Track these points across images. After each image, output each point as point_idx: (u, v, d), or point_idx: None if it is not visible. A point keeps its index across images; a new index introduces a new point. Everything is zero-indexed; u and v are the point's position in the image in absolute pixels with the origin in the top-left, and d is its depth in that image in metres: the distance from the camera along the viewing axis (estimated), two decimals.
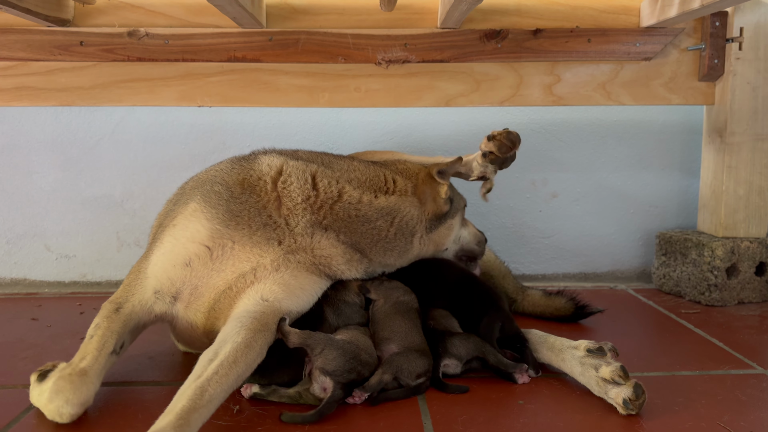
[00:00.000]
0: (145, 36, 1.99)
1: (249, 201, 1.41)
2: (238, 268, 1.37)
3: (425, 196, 1.60)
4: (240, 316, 1.32)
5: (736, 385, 1.42)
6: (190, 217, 1.40)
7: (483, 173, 1.65)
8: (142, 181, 2.29)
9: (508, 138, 1.56)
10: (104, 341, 1.29)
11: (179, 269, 1.36)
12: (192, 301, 1.38)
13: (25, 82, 2.02)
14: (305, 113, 2.30)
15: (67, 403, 1.20)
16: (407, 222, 1.56)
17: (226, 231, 1.38)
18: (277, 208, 1.42)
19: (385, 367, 1.34)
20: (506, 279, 1.96)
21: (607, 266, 2.41)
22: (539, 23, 2.07)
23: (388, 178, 1.58)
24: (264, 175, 1.45)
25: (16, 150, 2.27)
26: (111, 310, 1.35)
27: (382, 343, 1.43)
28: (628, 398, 1.25)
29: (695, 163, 2.34)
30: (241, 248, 1.38)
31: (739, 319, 1.91)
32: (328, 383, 1.27)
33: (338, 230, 1.46)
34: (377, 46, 2.03)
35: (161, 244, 1.40)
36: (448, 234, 1.69)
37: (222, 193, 1.41)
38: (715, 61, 2.08)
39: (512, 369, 1.42)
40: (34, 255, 2.31)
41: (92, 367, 1.25)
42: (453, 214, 1.68)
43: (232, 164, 1.50)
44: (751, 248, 2.05)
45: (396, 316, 1.47)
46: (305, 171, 1.48)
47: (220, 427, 1.21)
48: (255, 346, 1.26)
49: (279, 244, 1.41)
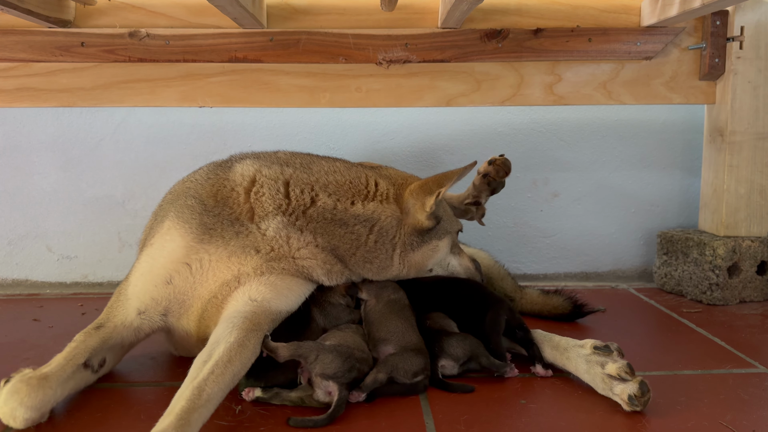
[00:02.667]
0: (146, 37, 2.00)
1: (222, 213, 1.41)
2: (220, 277, 1.39)
3: (408, 206, 1.50)
4: (231, 317, 1.33)
5: (738, 384, 1.42)
6: (165, 235, 1.42)
7: (477, 197, 1.79)
8: (144, 181, 2.29)
9: (504, 164, 1.74)
10: (75, 353, 1.30)
11: (161, 288, 1.38)
12: (182, 312, 1.40)
13: (26, 83, 2.03)
14: (306, 113, 2.30)
15: (21, 405, 1.17)
16: (387, 231, 1.48)
17: (201, 246, 1.39)
18: (250, 218, 1.42)
19: (380, 367, 1.34)
20: (504, 281, 1.97)
21: (609, 265, 2.41)
22: (540, 23, 2.07)
23: (369, 182, 1.51)
24: (237, 186, 1.44)
25: (18, 151, 2.27)
26: (92, 328, 1.38)
27: (379, 344, 1.42)
28: (634, 394, 1.25)
29: (696, 162, 2.34)
30: (218, 260, 1.39)
31: (740, 318, 1.91)
32: (332, 386, 1.26)
33: (314, 232, 1.43)
34: (378, 46, 2.03)
35: (139, 264, 1.43)
36: (432, 256, 1.57)
37: (195, 207, 1.41)
38: (716, 60, 2.08)
39: (502, 369, 1.43)
40: (36, 256, 2.31)
41: (55, 373, 1.24)
42: (440, 234, 1.56)
43: (207, 174, 1.49)
44: (752, 247, 2.04)
45: (391, 315, 1.47)
46: (278, 179, 1.44)
47: (222, 428, 1.21)
48: (248, 344, 1.27)
49: (257, 252, 1.40)
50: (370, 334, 1.46)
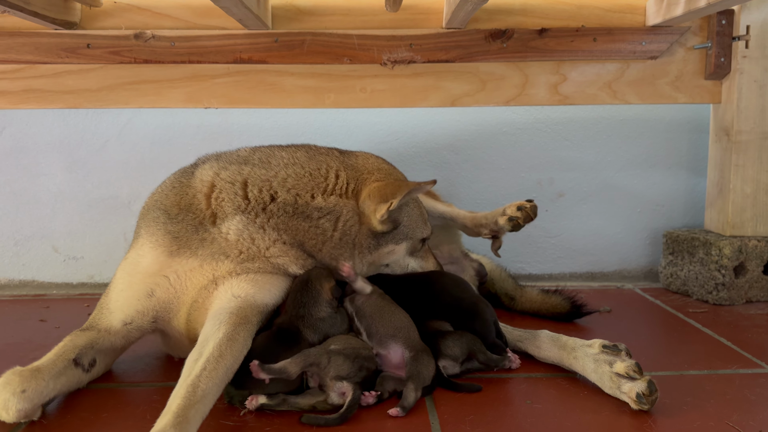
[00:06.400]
0: (151, 38, 2.00)
1: (186, 220, 1.43)
2: (197, 283, 1.41)
3: (363, 207, 1.47)
4: (217, 314, 1.34)
5: (744, 385, 1.41)
6: (138, 250, 1.45)
7: (496, 232, 1.80)
8: (149, 182, 2.26)
9: (533, 210, 1.76)
10: (64, 349, 1.34)
11: (144, 301, 1.41)
12: (172, 317, 1.43)
13: (32, 84, 2.04)
14: (311, 114, 2.31)
15: (14, 395, 1.18)
16: (350, 227, 1.46)
17: (172, 260, 1.41)
18: (212, 222, 1.42)
19: (416, 383, 1.32)
20: (505, 281, 2.01)
21: (614, 265, 2.41)
22: (545, 23, 2.07)
23: (330, 173, 1.48)
24: (198, 193, 1.45)
25: (24, 152, 2.29)
26: (78, 330, 1.41)
27: (386, 340, 1.38)
28: (642, 393, 1.25)
29: (702, 161, 2.33)
30: (191, 269, 1.41)
31: (747, 318, 1.90)
32: (345, 387, 1.26)
33: (277, 228, 1.42)
34: (382, 46, 2.04)
35: (116, 280, 1.45)
36: (388, 257, 1.55)
37: (159, 218, 1.44)
38: (722, 60, 2.07)
39: (501, 363, 1.45)
40: (42, 256, 2.32)
41: (46, 366, 1.26)
42: (397, 239, 1.52)
43: (172, 183, 1.51)
44: (758, 247, 2.04)
45: (390, 307, 1.45)
46: (236, 181, 1.44)
47: (227, 428, 1.22)
48: (238, 338, 1.28)
49: (226, 257, 1.41)
50: (371, 329, 1.41)
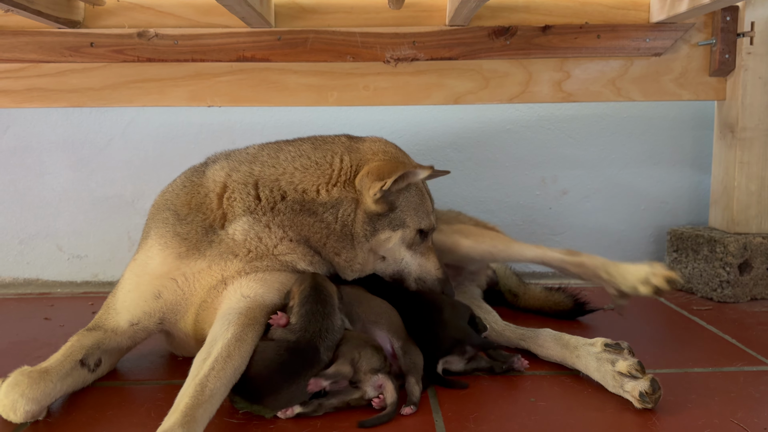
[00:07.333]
0: (154, 36, 2.00)
1: (195, 220, 1.43)
2: (206, 284, 1.41)
3: (361, 184, 1.44)
4: (226, 314, 1.35)
5: (749, 382, 1.41)
6: (147, 252, 1.45)
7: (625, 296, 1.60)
8: (153, 180, 2.30)
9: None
10: (71, 350, 1.34)
11: (151, 303, 1.41)
12: (178, 318, 1.43)
13: (36, 83, 2.04)
14: (314, 112, 2.31)
15: (22, 397, 1.19)
16: (348, 215, 1.44)
17: (180, 262, 1.41)
18: (222, 224, 1.43)
19: (416, 376, 1.32)
20: (509, 278, 2.02)
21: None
22: (548, 20, 2.06)
23: (335, 158, 1.46)
24: (210, 192, 1.46)
25: (28, 151, 2.29)
26: (84, 330, 1.41)
27: (369, 326, 1.40)
28: (645, 391, 1.25)
29: (707, 158, 2.32)
30: (200, 271, 1.41)
31: (751, 315, 1.90)
32: (382, 379, 1.26)
33: (282, 226, 1.43)
34: (385, 44, 2.03)
35: (124, 280, 1.46)
36: (383, 245, 1.49)
37: (169, 219, 1.44)
38: (726, 56, 2.06)
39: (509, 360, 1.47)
40: (47, 255, 2.33)
41: (54, 368, 1.27)
42: (394, 225, 1.47)
43: (183, 182, 1.51)
44: (763, 244, 2.03)
45: (366, 295, 1.47)
46: (248, 182, 1.44)
47: (232, 426, 1.22)
48: (247, 339, 1.28)
49: (235, 256, 1.42)
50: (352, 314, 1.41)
